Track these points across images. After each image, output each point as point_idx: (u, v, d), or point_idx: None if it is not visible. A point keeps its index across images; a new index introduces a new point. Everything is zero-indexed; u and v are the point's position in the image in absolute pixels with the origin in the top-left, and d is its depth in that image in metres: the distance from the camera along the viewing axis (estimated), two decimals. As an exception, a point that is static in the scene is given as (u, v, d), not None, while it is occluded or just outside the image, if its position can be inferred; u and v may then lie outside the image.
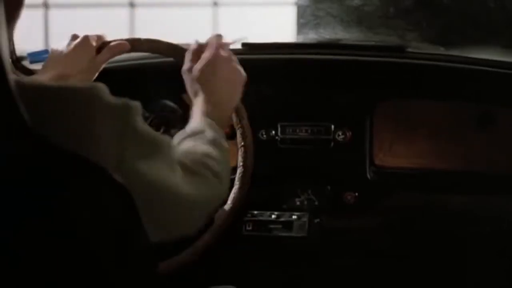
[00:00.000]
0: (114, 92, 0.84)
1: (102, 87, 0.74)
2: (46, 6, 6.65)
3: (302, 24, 2.34)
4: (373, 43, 2.05)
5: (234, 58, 1.24)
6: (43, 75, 1.27)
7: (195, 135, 1.08)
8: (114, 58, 1.59)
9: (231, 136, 1.62)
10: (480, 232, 1.61)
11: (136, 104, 0.78)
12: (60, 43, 1.34)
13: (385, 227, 1.63)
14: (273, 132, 1.64)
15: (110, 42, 1.37)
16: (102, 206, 0.66)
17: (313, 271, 1.66)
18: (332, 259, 1.65)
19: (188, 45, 1.31)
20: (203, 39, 1.29)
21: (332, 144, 1.62)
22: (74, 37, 1.32)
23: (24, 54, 1.63)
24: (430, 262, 1.64)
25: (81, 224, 0.65)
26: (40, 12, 6.55)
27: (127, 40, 1.43)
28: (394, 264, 1.65)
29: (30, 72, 1.58)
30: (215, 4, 6.93)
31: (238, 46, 1.79)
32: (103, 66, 1.37)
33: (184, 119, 1.74)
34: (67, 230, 0.65)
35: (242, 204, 1.40)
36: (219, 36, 1.26)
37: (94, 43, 1.32)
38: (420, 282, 1.66)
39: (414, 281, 1.66)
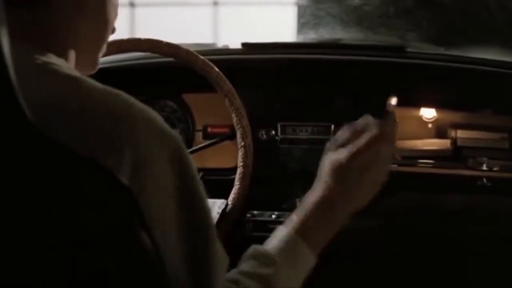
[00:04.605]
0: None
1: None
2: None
3: (302, 24, 2.35)
4: (373, 43, 2.05)
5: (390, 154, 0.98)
6: None
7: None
8: (114, 58, 1.59)
9: (231, 136, 1.62)
10: (480, 232, 1.61)
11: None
12: None
13: (385, 227, 1.63)
14: (273, 132, 1.64)
15: None
16: (104, 206, 0.66)
17: (313, 272, 1.65)
18: (332, 259, 1.65)
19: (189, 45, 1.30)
20: (203, 39, 1.28)
21: (332, 144, 1.62)
22: None
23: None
24: (430, 262, 1.64)
25: (82, 224, 0.65)
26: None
27: (128, 40, 1.43)
28: (394, 264, 1.65)
29: None
30: (215, 3, 6.93)
31: (238, 46, 1.79)
32: (103, 66, 1.36)
33: (184, 119, 1.75)
34: (67, 229, 0.65)
35: (242, 204, 1.40)
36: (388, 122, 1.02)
37: None
38: (420, 282, 1.66)
39: (414, 281, 1.66)
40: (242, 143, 1.41)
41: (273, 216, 1.60)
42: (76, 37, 0.82)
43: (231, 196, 1.39)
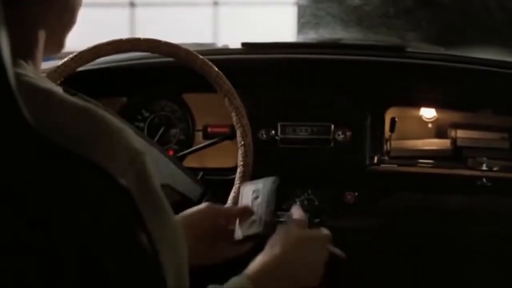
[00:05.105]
0: (114, 92, 0.85)
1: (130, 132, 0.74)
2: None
3: (302, 24, 2.35)
4: (373, 43, 2.05)
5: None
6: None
7: None
8: (114, 58, 1.59)
9: (231, 136, 1.63)
10: (480, 232, 1.61)
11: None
12: None
13: (385, 227, 1.63)
14: (273, 132, 1.64)
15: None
16: (104, 207, 0.66)
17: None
18: (332, 259, 1.65)
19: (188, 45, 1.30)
20: (203, 39, 1.28)
21: (332, 144, 1.62)
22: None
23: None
24: (430, 262, 1.64)
25: (82, 224, 0.65)
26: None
27: (127, 40, 1.43)
28: (394, 264, 1.65)
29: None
30: (215, 3, 6.94)
31: (238, 46, 1.79)
32: (103, 66, 1.36)
33: (184, 119, 1.75)
34: (67, 229, 0.65)
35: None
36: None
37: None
38: (420, 282, 1.66)
39: (414, 281, 1.66)
40: (242, 142, 1.41)
41: (273, 216, 1.60)
42: (43, 30, 0.81)
43: (231, 195, 1.39)
